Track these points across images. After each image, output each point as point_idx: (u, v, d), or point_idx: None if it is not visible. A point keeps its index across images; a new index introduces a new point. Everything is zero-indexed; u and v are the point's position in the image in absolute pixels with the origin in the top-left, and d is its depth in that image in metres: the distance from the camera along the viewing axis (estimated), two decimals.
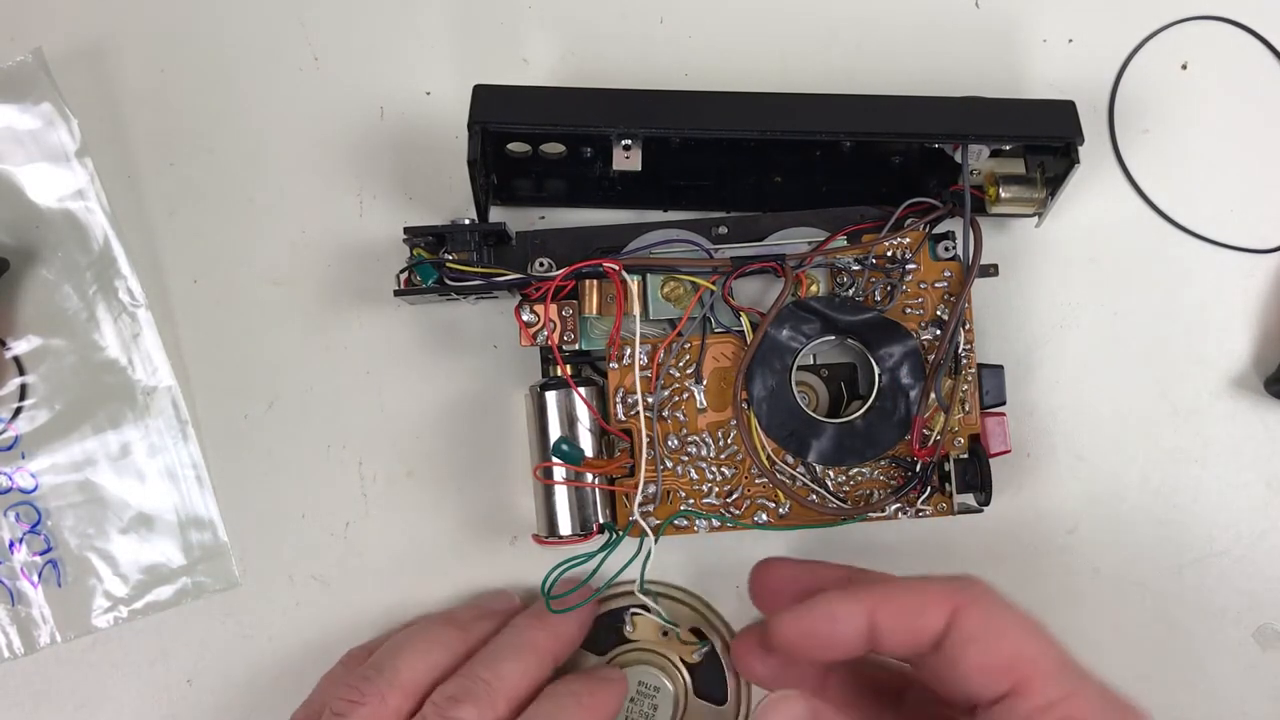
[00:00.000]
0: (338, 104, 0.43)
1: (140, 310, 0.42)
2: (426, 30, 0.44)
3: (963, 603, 0.28)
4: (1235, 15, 0.43)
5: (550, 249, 0.38)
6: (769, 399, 0.37)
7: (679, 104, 0.38)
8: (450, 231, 0.37)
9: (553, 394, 0.37)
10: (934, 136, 0.37)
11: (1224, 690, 0.41)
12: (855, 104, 0.38)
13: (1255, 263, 0.42)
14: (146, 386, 0.42)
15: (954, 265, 0.38)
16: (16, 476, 0.42)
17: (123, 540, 0.42)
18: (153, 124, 0.43)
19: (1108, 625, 0.41)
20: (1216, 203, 0.42)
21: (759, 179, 0.41)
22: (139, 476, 0.42)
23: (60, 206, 0.43)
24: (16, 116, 0.43)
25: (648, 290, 0.38)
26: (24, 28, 0.43)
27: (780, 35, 0.43)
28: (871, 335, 0.38)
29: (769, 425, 0.37)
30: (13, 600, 0.42)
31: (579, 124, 0.37)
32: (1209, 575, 0.41)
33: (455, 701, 0.34)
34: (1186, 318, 0.42)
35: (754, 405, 0.37)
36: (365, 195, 0.43)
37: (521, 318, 0.38)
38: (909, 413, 0.37)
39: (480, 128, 0.36)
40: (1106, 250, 0.42)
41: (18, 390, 0.42)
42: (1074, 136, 0.36)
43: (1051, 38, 0.43)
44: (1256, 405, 0.42)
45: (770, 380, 0.37)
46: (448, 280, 0.37)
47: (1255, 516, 0.41)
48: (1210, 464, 0.42)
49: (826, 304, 0.38)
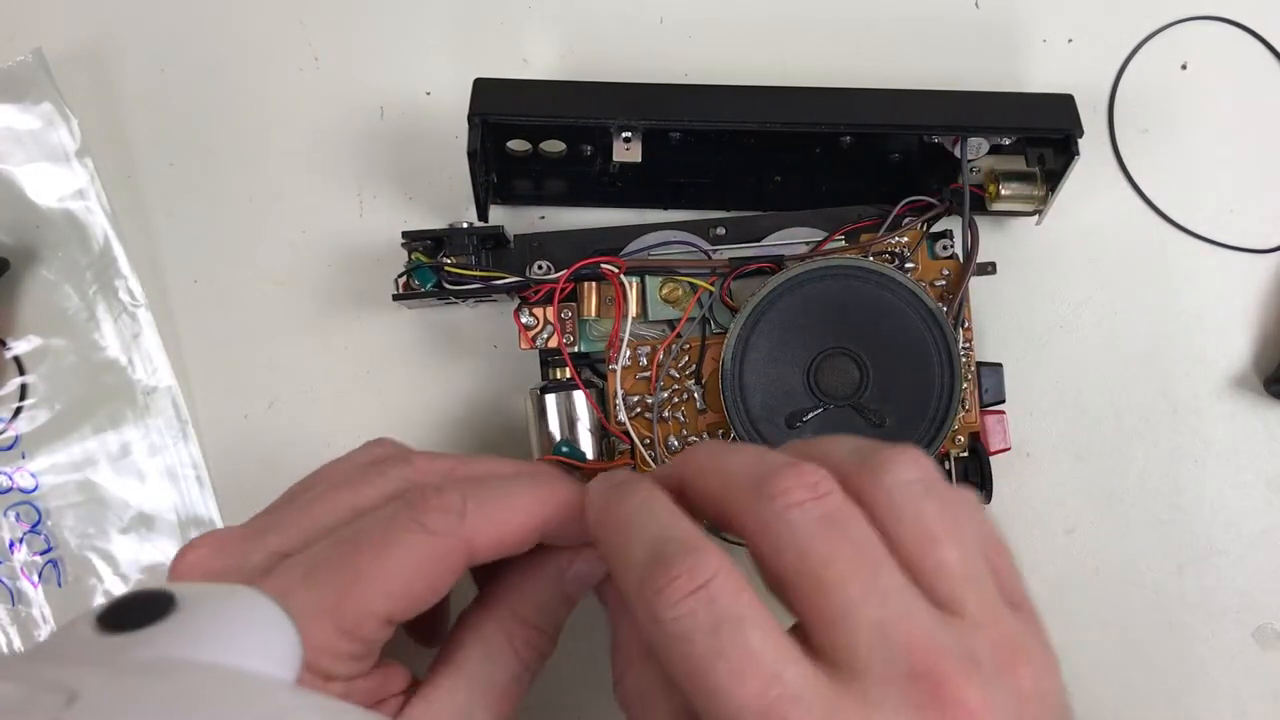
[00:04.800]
0: (338, 104, 0.43)
1: (140, 310, 0.42)
2: (426, 30, 0.44)
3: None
4: (1235, 15, 0.43)
5: (548, 252, 0.38)
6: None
7: (679, 96, 0.38)
8: (448, 235, 0.37)
9: (553, 396, 0.37)
10: (933, 129, 0.37)
11: (1224, 690, 0.41)
12: (855, 97, 0.38)
13: (1255, 263, 0.42)
14: (146, 386, 0.42)
15: (952, 264, 0.38)
16: (16, 476, 0.42)
17: (123, 540, 0.42)
18: (153, 124, 0.43)
19: (1108, 625, 0.41)
20: (1216, 203, 0.42)
21: (758, 178, 0.41)
22: (139, 476, 0.42)
23: (60, 206, 0.43)
24: (16, 116, 0.43)
25: (646, 292, 0.38)
26: (24, 28, 0.43)
27: (780, 36, 0.43)
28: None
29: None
30: (13, 600, 0.42)
31: (579, 116, 0.37)
32: (1209, 575, 0.41)
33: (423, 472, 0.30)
34: (1186, 318, 0.42)
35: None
36: (365, 195, 0.43)
37: (520, 321, 0.38)
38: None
39: (480, 120, 0.36)
40: (1106, 250, 0.42)
41: (18, 390, 0.42)
42: (1073, 128, 0.37)
43: (1051, 38, 0.43)
44: (1256, 405, 0.42)
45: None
46: (446, 284, 0.37)
47: (1255, 516, 0.41)
48: (1210, 464, 0.41)
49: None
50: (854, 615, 0.23)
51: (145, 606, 0.23)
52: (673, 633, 0.24)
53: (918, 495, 0.26)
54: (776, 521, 0.25)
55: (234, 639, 0.23)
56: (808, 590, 0.24)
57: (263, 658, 0.23)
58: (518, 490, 0.29)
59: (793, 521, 0.25)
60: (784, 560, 0.25)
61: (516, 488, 0.29)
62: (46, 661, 0.22)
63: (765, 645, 0.23)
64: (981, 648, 0.24)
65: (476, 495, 0.28)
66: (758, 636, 0.23)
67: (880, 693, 0.23)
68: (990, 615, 0.25)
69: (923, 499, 0.26)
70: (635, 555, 0.25)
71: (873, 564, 0.24)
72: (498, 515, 0.28)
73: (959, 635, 0.24)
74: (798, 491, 0.25)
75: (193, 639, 0.22)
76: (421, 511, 0.27)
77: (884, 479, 0.26)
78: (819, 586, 0.24)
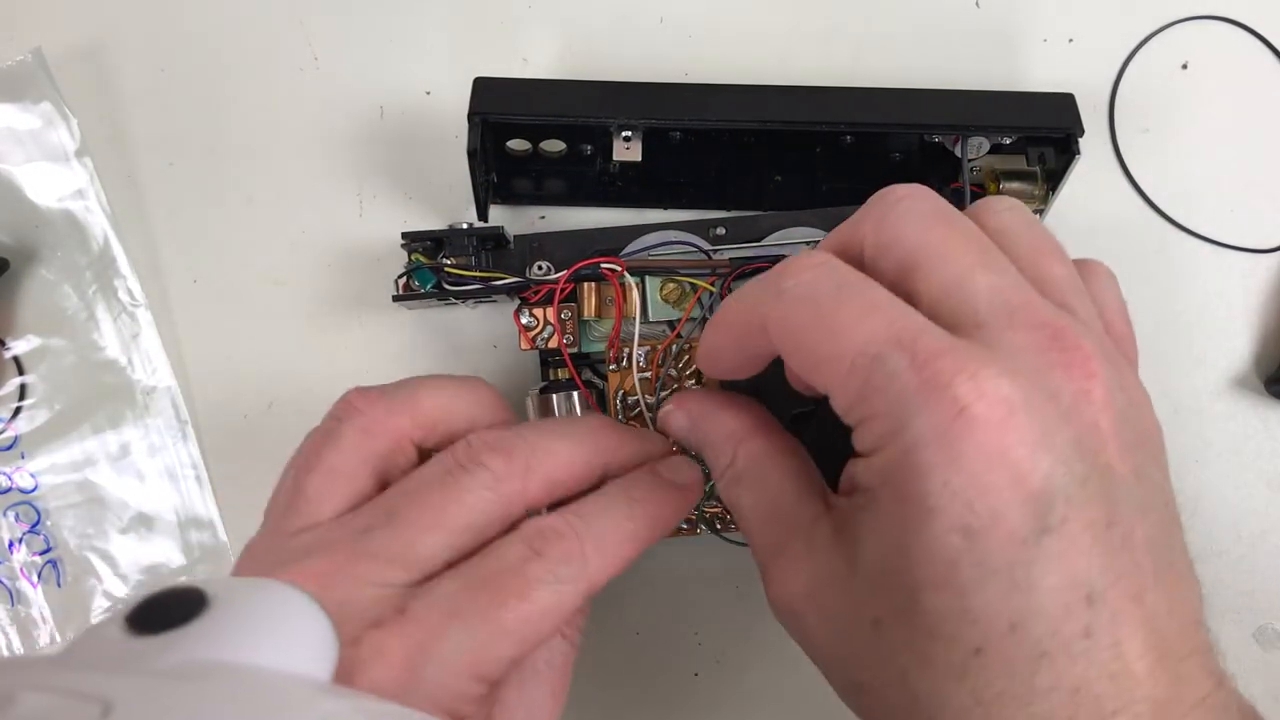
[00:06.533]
0: (338, 104, 0.43)
1: (140, 310, 0.42)
2: (426, 30, 0.44)
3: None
4: (1235, 15, 0.43)
5: (548, 252, 0.38)
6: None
7: (679, 96, 0.38)
8: (448, 235, 0.37)
9: (553, 397, 0.37)
10: (933, 128, 0.37)
11: None
12: (855, 96, 0.38)
13: (1255, 263, 0.42)
14: (146, 386, 0.42)
15: None
16: (16, 476, 0.42)
17: (122, 540, 0.42)
18: (153, 124, 0.43)
19: None
20: (1216, 203, 0.42)
21: (759, 177, 0.41)
22: (139, 476, 0.42)
23: (60, 206, 0.43)
24: (16, 116, 0.43)
25: (646, 292, 0.38)
26: (24, 27, 0.43)
27: (780, 36, 0.43)
28: None
29: None
30: (12, 600, 0.42)
31: (579, 115, 0.37)
32: (1209, 575, 0.41)
33: (489, 448, 0.29)
34: (1186, 318, 0.42)
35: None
36: (365, 195, 0.43)
37: (520, 321, 0.38)
38: None
39: (480, 119, 0.36)
40: (1106, 250, 0.42)
41: (17, 390, 0.42)
42: (1073, 127, 0.37)
43: (1052, 37, 0.43)
44: (1256, 405, 0.42)
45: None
46: (446, 285, 0.37)
47: (1255, 516, 0.41)
48: (1210, 464, 0.41)
49: None
50: (973, 279, 0.25)
51: (176, 606, 0.22)
52: (796, 295, 0.25)
53: (1026, 220, 0.27)
54: (893, 211, 0.26)
55: (270, 638, 0.22)
56: (926, 263, 0.25)
57: (300, 657, 0.23)
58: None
59: (910, 208, 0.26)
60: (905, 245, 0.26)
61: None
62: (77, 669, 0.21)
63: (888, 297, 0.25)
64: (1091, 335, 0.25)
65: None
66: (880, 292, 0.25)
67: (1001, 336, 0.24)
68: (1098, 327, 0.26)
69: (1032, 224, 0.27)
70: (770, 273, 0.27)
71: (984, 244, 0.26)
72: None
73: (1071, 315, 0.25)
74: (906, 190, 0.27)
75: (229, 640, 0.22)
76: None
77: (992, 205, 0.28)
78: (939, 258, 0.25)
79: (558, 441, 0.30)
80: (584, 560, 0.28)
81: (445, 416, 0.31)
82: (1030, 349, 0.24)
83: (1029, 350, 0.24)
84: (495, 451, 0.29)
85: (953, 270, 0.25)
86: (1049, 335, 0.24)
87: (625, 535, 0.29)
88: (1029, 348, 0.24)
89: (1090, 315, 0.26)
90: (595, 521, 0.29)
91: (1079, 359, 0.24)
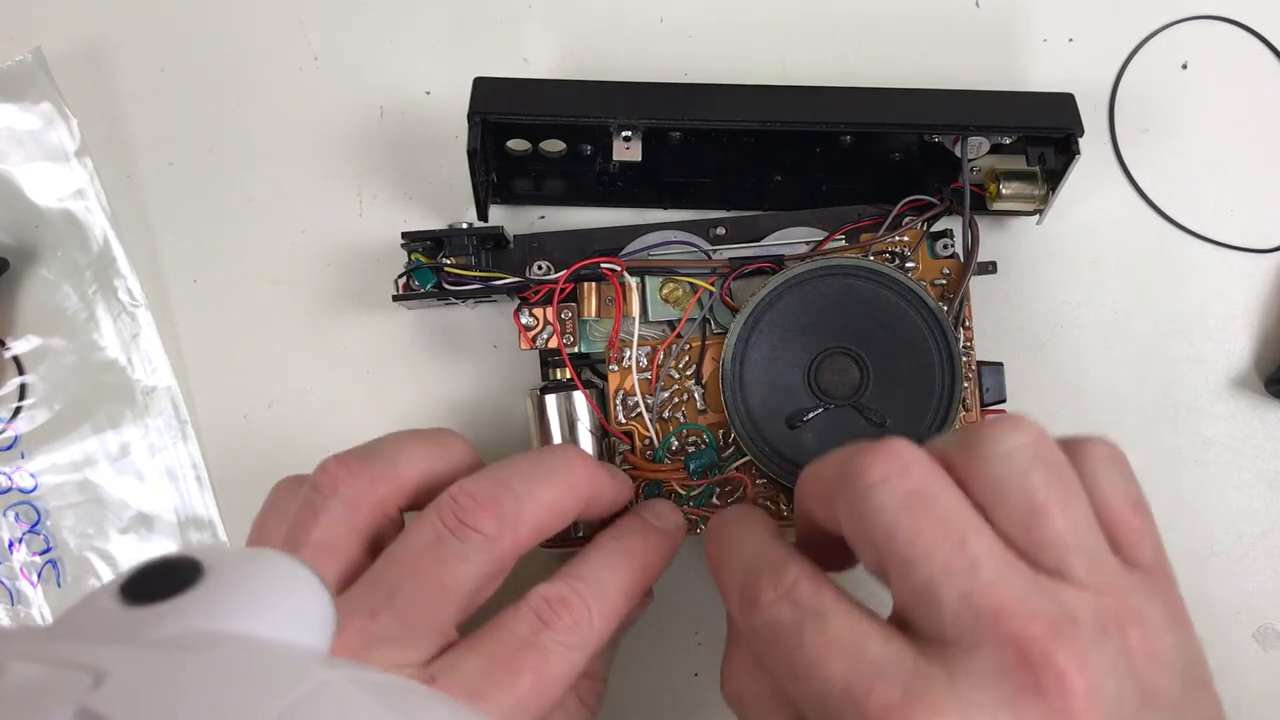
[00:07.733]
0: (338, 104, 0.43)
1: (140, 310, 0.42)
2: (426, 30, 0.44)
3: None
4: (1235, 15, 0.43)
5: (548, 252, 0.38)
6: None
7: (679, 96, 0.38)
8: (448, 235, 0.37)
9: (553, 397, 0.37)
10: (933, 128, 0.37)
11: (1224, 690, 0.40)
12: (855, 97, 0.38)
13: (1255, 263, 0.42)
14: (146, 386, 0.42)
15: (953, 263, 0.38)
16: (16, 476, 0.42)
17: (122, 540, 0.42)
18: (153, 124, 0.43)
19: None
20: (1216, 203, 0.42)
21: (758, 178, 0.41)
22: (138, 476, 0.42)
23: (60, 206, 0.43)
24: (16, 116, 0.43)
25: (646, 292, 0.38)
26: (24, 28, 0.43)
27: (780, 36, 0.43)
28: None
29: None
30: (12, 600, 0.42)
31: (579, 115, 0.37)
32: (1209, 575, 0.41)
33: (477, 507, 0.29)
34: (1186, 318, 0.42)
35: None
36: (365, 195, 0.43)
37: (520, 321, 0.38)
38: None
39: (480, 119, 0.36)
40: (1107, 250, 0.42)
41: (17, 390, 0.42)
42: (1074, 127, 0.37)
43: (1051, 37, 0.43)
44: (1256, 405, 0.42)
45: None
46: (446, 284, 0.37)
47: (1255, 516, 0.41)
48: (1210, 464, 0.41)
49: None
50: (939, 588, 0.24)
51: (171, 575, 0.21)
52: (765, 637, 0.26)
53: (1022, 465, 0.25)
54: (860, 502, 0.25)
55: (268, 608, 0.22)
56: (896, 569, 0.25)
57: (298, 627, 0.22)
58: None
59: (877, 501, 0.25)
60: (873, 542, 0.25)
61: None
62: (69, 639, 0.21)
63: (844, 629, 0.25)
64: (1083, 610, 0.24)
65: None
66: (836, 622, 0.25)
67: (966, 661, 0.23)
68: (1100, 577, 0.24)
69: (1028, 468, 0.25)
70: (734, 580, 0.28)
71: (958, 535, 0.24)
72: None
73: (1057, 598, 0.24)
74: (879, 467, 0.25)
75: (224, 609, 0.21)
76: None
77: (985, 450, 0.26)
78: (905, 564, 0.24)
79: (540, 486, 0.31)
80: (590, 623, 0.30)
81: (426, 480, 0.32)
82: (994, 672, 0.23)
83: (992, 674, 0.23)
84: (484, 511, 0.30)
85: (921, 575, 0.24)
86: (1016, 654, 0.23)
87: (624, 590, 0.32)
88: (992, 671, 0.23)
89: (1096, 564, 0.25)
90: (594, 581, 0.31)
91: (1051, 679, 0.22)
